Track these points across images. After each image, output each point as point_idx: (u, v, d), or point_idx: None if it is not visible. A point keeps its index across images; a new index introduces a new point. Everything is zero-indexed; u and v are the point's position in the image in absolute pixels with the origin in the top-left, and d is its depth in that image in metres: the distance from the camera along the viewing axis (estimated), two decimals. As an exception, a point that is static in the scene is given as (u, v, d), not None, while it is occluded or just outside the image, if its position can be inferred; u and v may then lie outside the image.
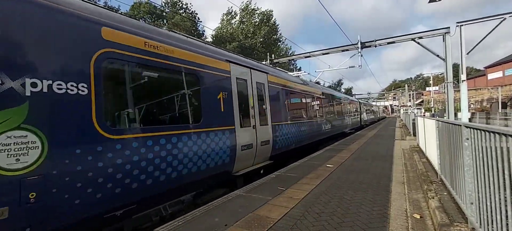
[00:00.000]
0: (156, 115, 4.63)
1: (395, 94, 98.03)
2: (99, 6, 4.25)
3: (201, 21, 41.40)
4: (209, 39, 38.02)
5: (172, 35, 5.14)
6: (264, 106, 7.45)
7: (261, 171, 6.97)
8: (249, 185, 5.59)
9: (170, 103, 4.82)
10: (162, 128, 4.30)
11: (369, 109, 37.55)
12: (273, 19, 41.44)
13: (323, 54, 17.34)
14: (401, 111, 57.23)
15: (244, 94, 6.61)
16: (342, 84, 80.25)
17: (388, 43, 15.35)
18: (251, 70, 7.08)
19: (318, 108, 13.06)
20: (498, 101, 35.88)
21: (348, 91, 76.07)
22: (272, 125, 7.63)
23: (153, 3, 32.93)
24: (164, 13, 34.93)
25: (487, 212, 2.43)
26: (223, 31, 38.19)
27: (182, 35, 5.67)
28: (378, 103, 70.13)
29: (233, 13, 40.34)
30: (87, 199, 3.18)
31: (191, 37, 6.22)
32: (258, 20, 39.78)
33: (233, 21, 40.32)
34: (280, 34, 43.45)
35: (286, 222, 3.58)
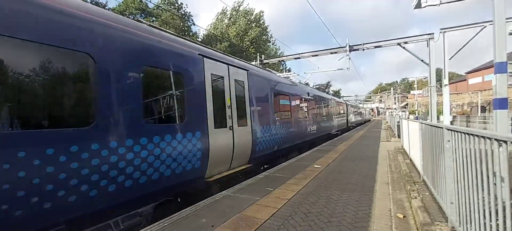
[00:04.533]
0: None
1: (381, 97, 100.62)
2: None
3: (194, 24, 40.94)
4: (200, 38, 37.65)
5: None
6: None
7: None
8: (236, 185, 5.58)
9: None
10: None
11: (312, 114, 13.51)
12: (262, 20, 41.56)
13: (312, 56, 17.54)
14: (387, 113, 58.63)
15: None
16: (330, 86, 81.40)
17: (375, 47, 15.71)
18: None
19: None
20: (478, 106, 37.50)
21: (337, 93, 77.17)
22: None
23: (145, 2, 32.23)
24: (158, 10, 34.25)
25: (466, 212, 2.53)
26: (217, 31, 37.90)
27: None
28: (365, 105, 69.99)
29: (228, 14, 40.14)
30: None
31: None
32: (251, 19, 39.73)
33: (226, 21, 40.06)
34: (271, 35, 43.60)
35: (273, 222, 3.59)
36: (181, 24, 33.87)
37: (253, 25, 39.49)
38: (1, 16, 2.57)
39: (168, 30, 5.56)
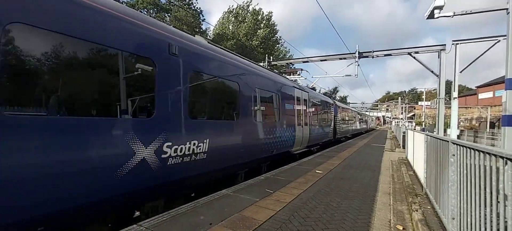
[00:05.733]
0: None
1: (388, 106, 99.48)
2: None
3: (204, 19, 41.39)
4: (211, 34, 37.90)
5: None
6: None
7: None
8: (236, 185, 5.58)
9: None
10: None
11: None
12: (272, 20, 41.62)
13: (321, 60, 17.47)
14: (393, 123, 57.89)
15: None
16: (337, 91, 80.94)
17: (385, 55, 15.58)
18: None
19: None
20: (487, 121, 36.75)
21: (343, 100, 76.62)
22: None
23: None
24: (170, 6, 34.60)
25: (467, 228, 2.48)
26: (224, 30, 38.09)
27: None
28: (371, 113, 69.08)
29: (234, 11, 40.35)
30: None
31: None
32: (259, 19, 39.85)
33: (232, 19, 40.23)
34: (280, 37, 43.60)
35: (271, 224, 3.58)
36: (193, 21, 34.14)
37: (262, 25, 39.60)
38: None
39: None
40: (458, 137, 18.39)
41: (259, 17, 39.97)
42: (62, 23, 3.00)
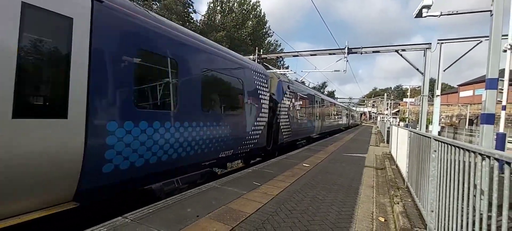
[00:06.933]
0: None
1: (374, 101, 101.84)
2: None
3: (195, 11, 40.62)
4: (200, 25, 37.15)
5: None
6: None
7: None
8: (224, 177, 5.59)
9: None
10: None
11: None
12: (262, 12, 41.30)
13: (311, 55, 17.56)
14: (378, 119, 59.39)
15: None
16: (326, 86, 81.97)
17: (373, 51, 15.86)
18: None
19: None
20: (466, 118, 38.39)
21: (331, 95, 77.65)
22: None
23: None
24: None
25: (445, 221, 2.60)
26: (211, 20, 37.48)
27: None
28: (358, 108, 70.45)
29: (218, 1, 39.70)
30: None
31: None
32: (248, 9, 39.46)
33: (218, 8, 39.60)
34: (269, 27, 43.37)
35: (258, 216, 3.62)
36: (183, 10, 33.29)
37: (251, 16, 39.29)
38: None
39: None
40: (439, 133, 19.11)
41: (249, 7, 39.58)
42: None
